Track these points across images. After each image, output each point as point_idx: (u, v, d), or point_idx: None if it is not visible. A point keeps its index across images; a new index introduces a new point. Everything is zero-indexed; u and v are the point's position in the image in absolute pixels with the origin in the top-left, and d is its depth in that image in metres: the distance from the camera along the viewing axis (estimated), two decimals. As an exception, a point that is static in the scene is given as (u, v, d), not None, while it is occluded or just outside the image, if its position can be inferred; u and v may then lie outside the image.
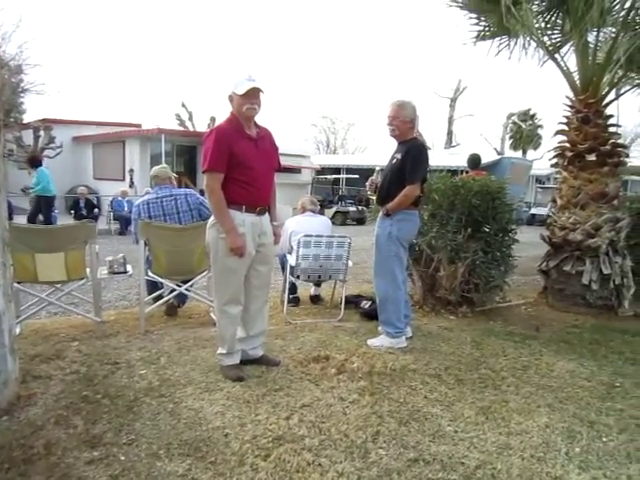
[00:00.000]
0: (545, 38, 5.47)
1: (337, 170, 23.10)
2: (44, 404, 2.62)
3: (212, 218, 3.01)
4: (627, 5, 4.95)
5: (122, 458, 2.14)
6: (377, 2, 67.18)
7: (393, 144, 3.82)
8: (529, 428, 2.53)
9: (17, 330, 3.30)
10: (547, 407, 2.77)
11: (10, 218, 2.86)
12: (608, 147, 5.12)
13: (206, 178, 2.88)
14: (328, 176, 21.71)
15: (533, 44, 5.31)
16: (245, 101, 2.84)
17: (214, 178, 2.85)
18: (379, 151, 24.56)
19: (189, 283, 4.18)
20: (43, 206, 10.46)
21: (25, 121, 17.90)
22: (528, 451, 2.31)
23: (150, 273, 4.06)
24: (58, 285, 3.99)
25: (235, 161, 2.84)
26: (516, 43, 5.46)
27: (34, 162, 10.54)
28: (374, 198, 4.00)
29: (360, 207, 17.99)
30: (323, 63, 69.97)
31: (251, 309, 3.13)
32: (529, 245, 5.95)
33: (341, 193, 20.95)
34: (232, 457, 2.17)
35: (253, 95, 2.86)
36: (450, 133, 31.65)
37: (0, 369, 2.54)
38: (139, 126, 18.46)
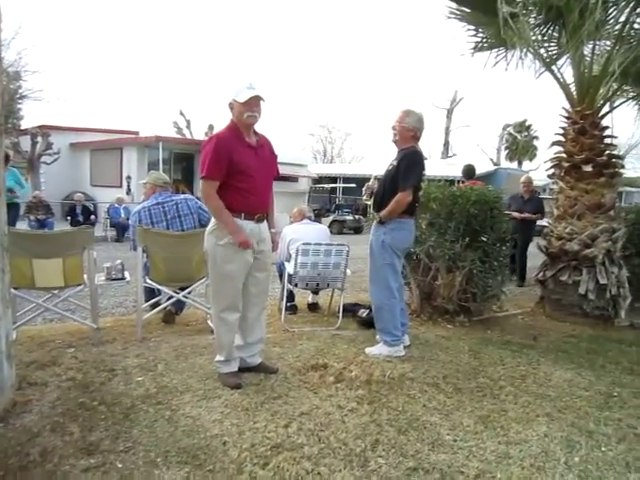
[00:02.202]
0: (542, 50, 5.53)
1: (334, 179, 23.16)
2: (40, 411, 2.59)
3: (210, 225, 3.01)
4: (622, 19, 5.04)
5: (119, 466, 2.12)
6: (376, 12, 67.84)
7: (390, 154, 3.84)
8: (528, 437, 2.52)
9: (13, 336, 3.27)
10: (546, 416, 2.77)
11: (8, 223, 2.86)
12: (604, 158, 5.18)
13: (202, 184, 2.90)
14: (325, 185, 21.79)
15: (530, 56, 5.37)
16: (246, 109, 2.85)
17: (210, 185, 2.87)
18: (376, 161, 24.67)
19: (187, 290, 4.17)
20: (12, 213, 8.55)
21: (23, 127, 17.89)
22: (527, 460, 2.30)
23: (148, 280, 4.04)
24: (55, 291, 3.97)
25: (234, 169, 2.85)
26: (513, 55, 5.51)
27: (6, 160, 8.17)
28: (370, 203, 4.01)
29: (357, 216, 18.05)
30: (320, 73, 70.41)
31: (249, 316, 3.12)
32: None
33: (338, 202, 21.01)
34: (230, 465, 2.15)
35: (254, 103, 2.87)
36: (447, 144, 31.89)
37: (-4, 375, 2.52)
38: (137, 133, 18.48)
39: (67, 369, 3.19)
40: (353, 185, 21.61)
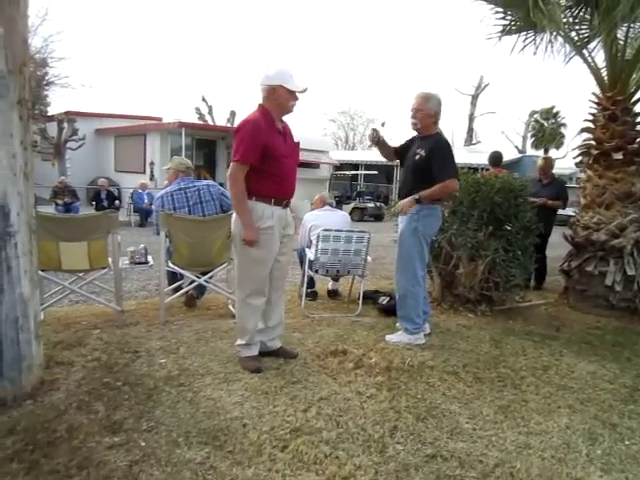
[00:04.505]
0: (572, 33, 5.35)
1: (355, 166, 23.03)
2: (66, 389, 2.67)
3: None
4: (659, 0, 4.83)
5: (142, 444, 2.18)
6: (399, -3, 66.53)
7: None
8: (549, 428, 2.49)
9: (41, 317, 3.36)
10: (568, 408, 2.73)
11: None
12: (635, 146, 5.01)
13: (233, 167, 2.86)
14: (346, 172, 21.68)
15: (560, 39, 5.21)
16: (292, 97, 2.90)
17: (241, 169, 2.85)
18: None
19: (208, 275, 4.21)
20: None
21: (49, 113, 18.20)
22: (548, 451, 2.28)
23: (170, 264, 4.09)
24: (80, 274, 4.06)
25: (268, 154, 2.84)
26: (542, 38, 5.35)
27: None
28: (376, 148, 3.82)
29: (378, 203, 17.95)
30: (343, 58, 69.72)
31: (272, 300, 3.15)
32: (549, 245, 5.86)
33: (359, 189, 20.92)
34: (250, 447, 2.18)
35: (299, 93, 2.92)
36: (471, 130, 31.24)
37: (25, 354, 2.60)
38: (160, 119, 18.63)
39: (92, 350, 3.27)
40: (375, 172, 21.48)
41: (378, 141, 3.76)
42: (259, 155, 2.82)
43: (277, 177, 2.90)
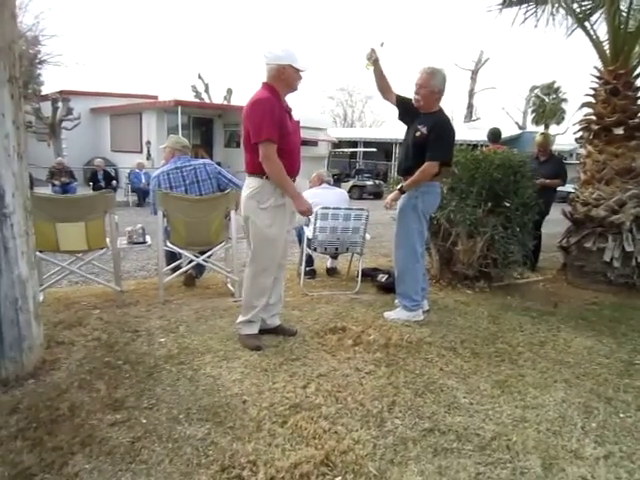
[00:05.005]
0: (575, 5, 5.24)
1: (354, 144, 22.85)
2: (68, 369, 2.69)
3: (250, 190, 2.95)
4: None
5: (144, 421, 2.20)
6: (398, -31, 65.01)
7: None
8: (545, 402, 2.53)
9: (40, 297, 3.37)
10: (564, 382, 2.76)
11: (31, 189, 2.91)
12: (637, 120, 4.95)
13: (264, 148, 2.80)
14: (345, 149, 21.53)
15: (562, 11, 5.12)
16: (298, 76, 2.94)
17: (272, 148, 2.81)
18: (397, 125, 24.21)
19: (207, 254, 4.21)
20: None
21: (43, 93, 17.93)
22: (544, 424, 2.31)
23: (168, 243, 4.08)
24: (79, 254, 4.05)
25: (282, 132, 2.83)
26: (544, 10, 5.26)
27: None
28: (369, 69, 3.57)
29: (377, 181, 17.87)
30: (342, 33, 68.44)
31: (275, 277, 3.15)
32: (548, 222, 5.84)
33: (358, 167, 20.81)
34: (250, 423, 2.21)
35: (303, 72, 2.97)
36: (470, 106, 30.94)
37: (25, 334, 2.61)
38: (156, 98, 18.37)
39: (93, 329, 3.28)
40: (374, 150, 21.34)
41: (375, 61, 3.54)
42: (278, 133, 2.81)
43: (288, 154, 2.90)
